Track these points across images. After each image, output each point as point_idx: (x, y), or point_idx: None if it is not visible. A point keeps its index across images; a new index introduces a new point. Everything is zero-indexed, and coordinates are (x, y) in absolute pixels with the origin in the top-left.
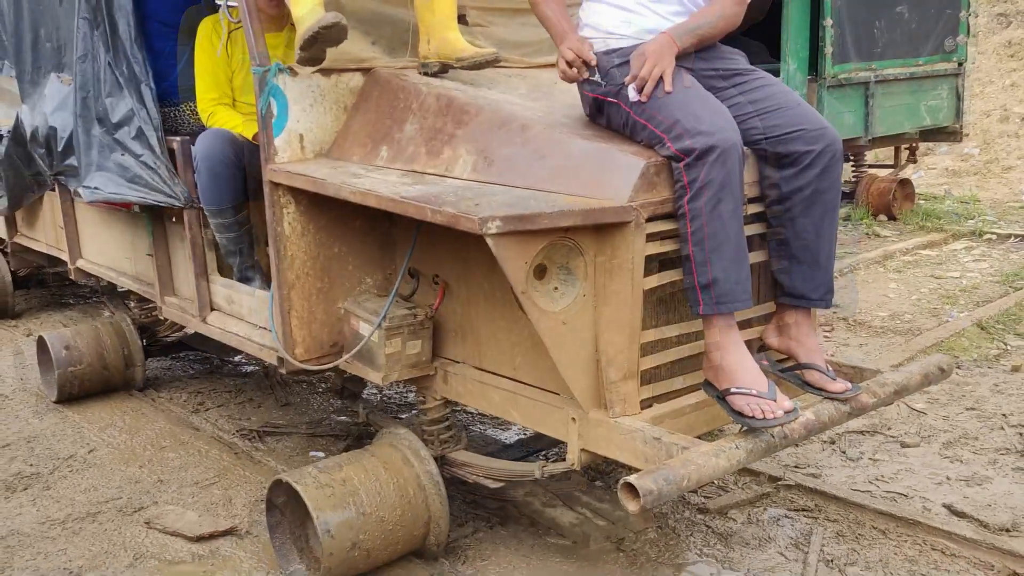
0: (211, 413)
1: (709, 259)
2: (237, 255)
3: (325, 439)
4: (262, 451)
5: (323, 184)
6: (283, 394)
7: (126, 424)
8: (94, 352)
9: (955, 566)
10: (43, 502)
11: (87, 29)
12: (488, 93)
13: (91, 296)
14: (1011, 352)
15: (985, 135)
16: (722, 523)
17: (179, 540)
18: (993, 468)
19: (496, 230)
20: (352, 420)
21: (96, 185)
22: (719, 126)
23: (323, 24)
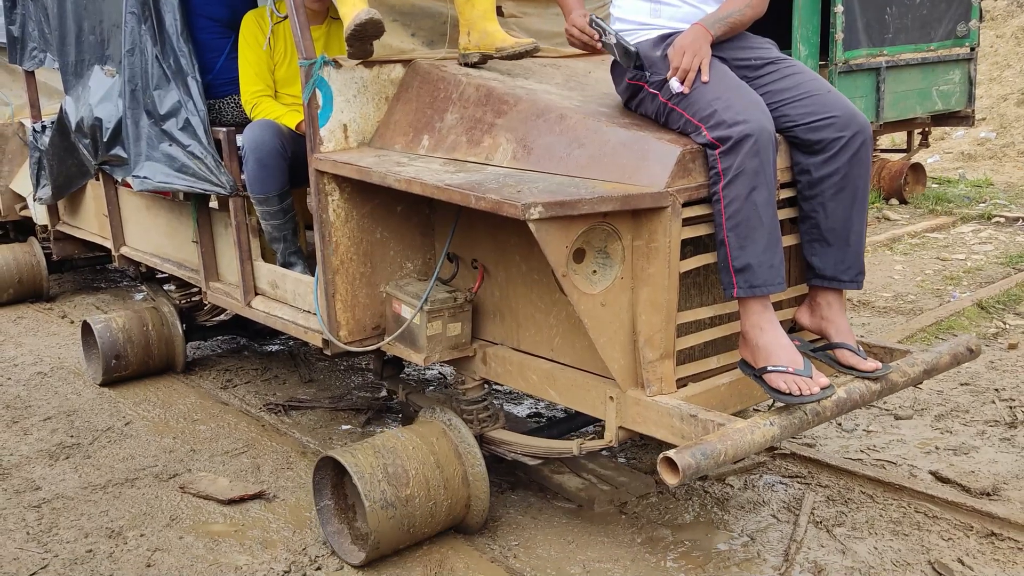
0: (239, 389)
1: (744, 244)
2: (281, 241)
3: (347, 412)
4: (287, 424)
5: (368, 172)
6: (307, 371)
7: (159, 399)
8: (137, 337)
9: (936, 527)
10: (84, 469)
11: (135, 24)
12: (525, 83)
13: (121, 279)
14: (1009, 331)
15: (1002, 119)
16: (720, 488)
17: (211, 503)
18: (981, 439)
19: (538, 215)
20: (372, 395)
21: (145, 175)
22: (754, 115)
23: (357, 21)
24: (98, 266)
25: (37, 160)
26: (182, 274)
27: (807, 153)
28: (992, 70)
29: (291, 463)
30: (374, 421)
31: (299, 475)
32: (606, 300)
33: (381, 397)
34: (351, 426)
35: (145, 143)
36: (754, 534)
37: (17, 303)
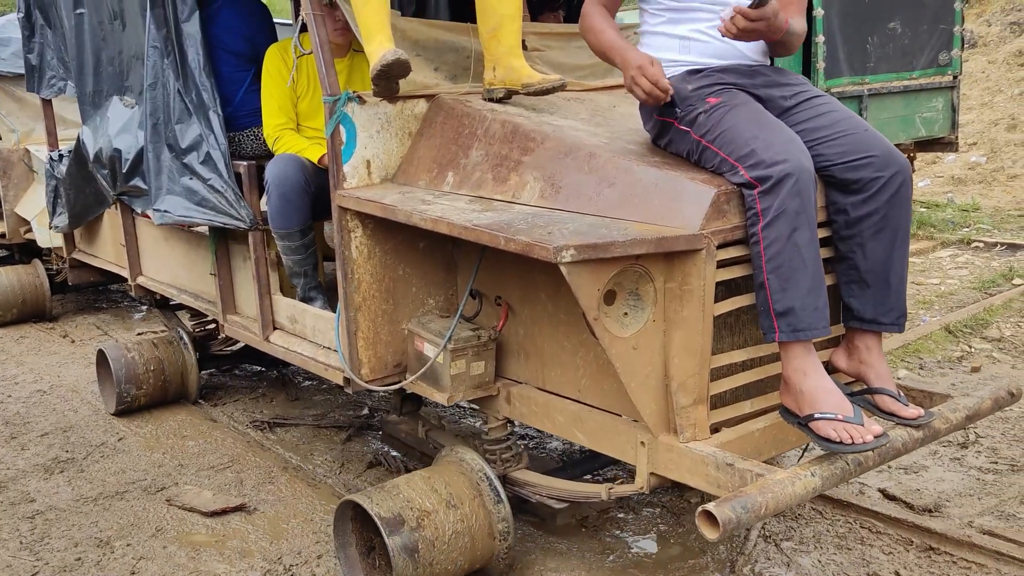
0: (228, 407)
1: (786, 287)
2: (302, 276)
3: (329, 430)
4: (272, 440)
5: (393, 210)
6: (294, 390)
7: (151, 416)
8: (152, 367)
9: (879, 541)
10: (77, 482)
11: (157, 58)
12: (552, 119)
13: (122, 300)
14: (974, 354)
15: (993, 143)
16: (677, 502)
17: (195, 515)
18: (933, 458)
19: (570, 258)
20: (354, 413)
21: (166, 208)
22: (794, 154)
23: (384, 62)
24: (99, 287)
25: (54, 188)
26: (199, 306)
27: (844, 192)
28: (984, 95)
29: (272, 477)
30: (355, 438)
31: (279, 488)
32: (638, 343)
33: (362, 415)
34: (334, 444)
35: (166, 176)
36: (706, 546)
37: (20, 323)
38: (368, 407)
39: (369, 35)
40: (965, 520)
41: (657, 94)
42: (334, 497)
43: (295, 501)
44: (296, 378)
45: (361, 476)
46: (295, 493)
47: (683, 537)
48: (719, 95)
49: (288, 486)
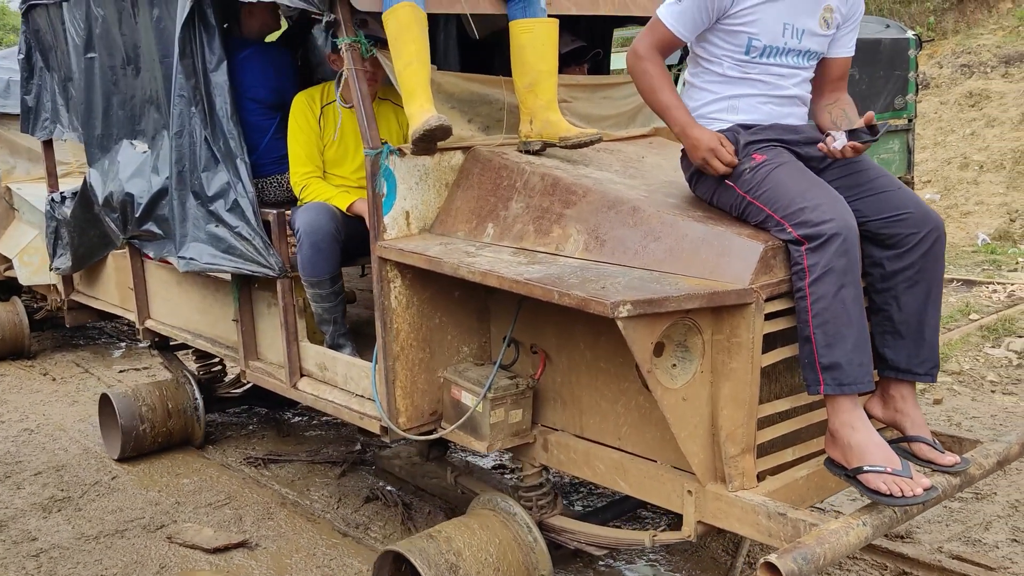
0: (219, 444)
1: (832, 342)
2: (331, 323)
3: (323, 466)
4: (267, 476)
5: (439, 263)
6: (284, 427)
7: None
8: (158, 411)
9: (856, 567)
10: (77, 521)
11: (184, 106)
12: (588, 172)
13: (99, 337)
14: (935, 387)
15: (946, 181)
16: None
17: (198, 552)
18: None
19: (627, 314)
20: (347, 448)
21: (192, 256)
22: (840, 213)
23: (428, 127)
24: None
25: (54, 230)
26: (216, 351)
27: (880, 247)
28: (936, 135)
29: (271, 513)
30: (349, 473)
31: (279, 524)
32: (687, 394)
33: (355, 450)
34: (328, 479)
35: (191, 224)
36: (692, 571)
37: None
38: (361, 442)
39: (410, 96)
40: (935, 545)
41: (727, 171)
42: (335, 532)
43: (296, 536)
44: (286, 415)
45: (359, 511)
46: (295, 528)
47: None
48: (764, 152)
49: (288, 522)
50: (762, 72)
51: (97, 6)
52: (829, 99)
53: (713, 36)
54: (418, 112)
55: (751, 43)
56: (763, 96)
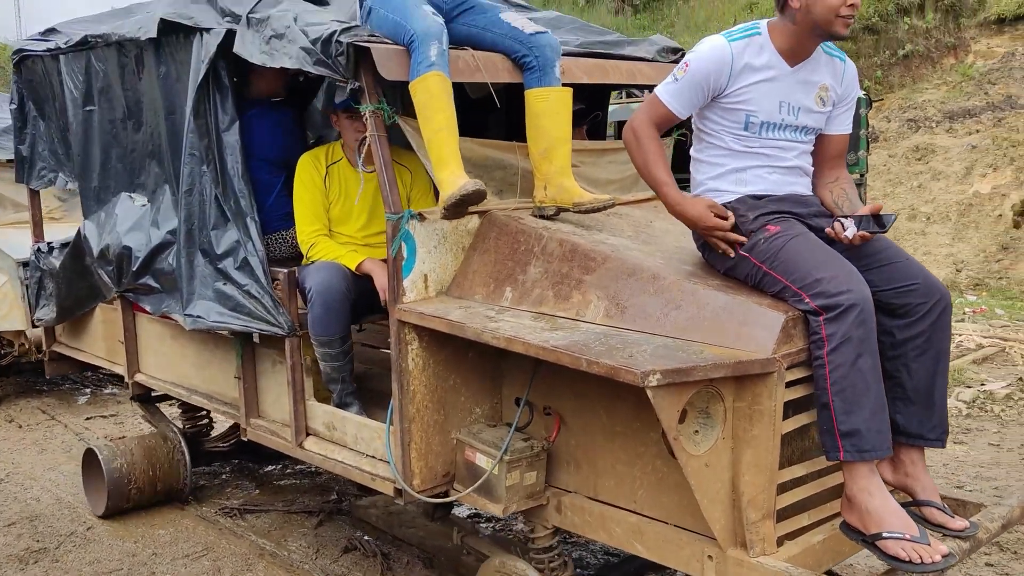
0: (194, 493)
1: (850, 410)
2: (339, 382)
3: (300, 516)
4: (243, 527)
5: (462, 327)
6: (259, 476)
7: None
8: (144, 466)
9: None
10: (55, 573)
11: (195, 165)
12: (604, 238)
13: (63, 383)
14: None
15: (895, 232)
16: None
17: None
18: None
19: (656, 383)
20: (323, 498)
21: (199, 313)
22: (856, 285)
23: (464, 192)
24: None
25: (38, 280)
26: (214, 407)
27: (891, 316)
28: (886, 187)
29: (250, 564)
30: (326, 523)
31: None
32: (709, 461)
33: (331, 500)
34: (304, 529)
35: (199, 282)
36: None
37: None
38: (336, 492)
39: (442, 162)
40: None
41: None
42: None
43: None
44: (261, 465)
45: (338, 561)
46: None
47: None
48: (778, 223)
49: (267, 572)
50: (762, 145)
51: (98, 60)
52: (829, 177)
53: (712, 113)
54: (450, 178)
55: (749, 119)
56: (768, 167)
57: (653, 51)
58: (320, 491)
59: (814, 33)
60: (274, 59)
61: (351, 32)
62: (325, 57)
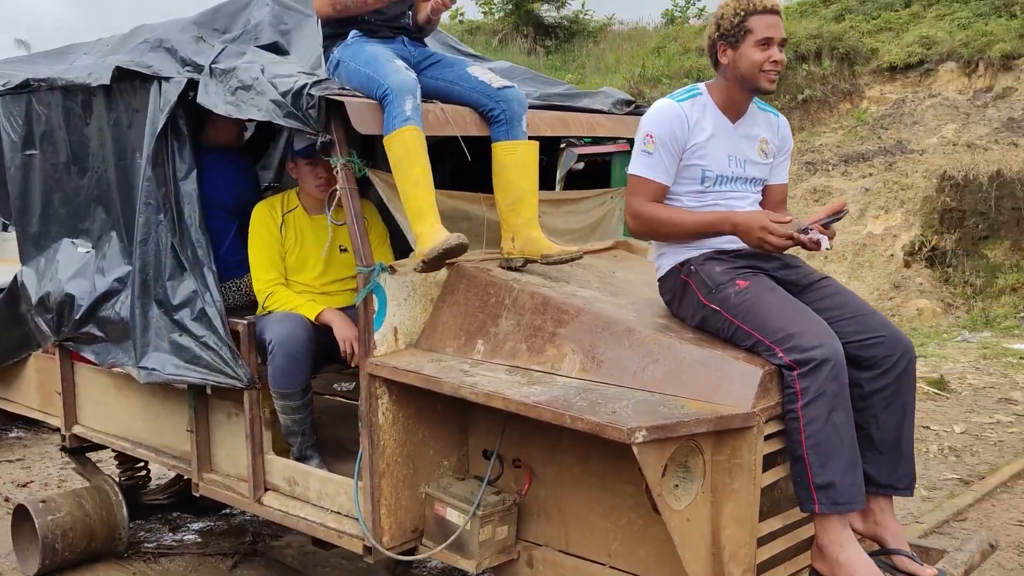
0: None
1: (825, 463)
2: (300, 435)
3: (215, 558)
4: (156, 570)
5: (438, 382)
6: (174, 519)
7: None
8: (80, 523)
9: None
10: None
11: (151, 214)
12: (574, 290)
13: None
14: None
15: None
16: None
17: None
18: None
19: (642, 439)
20: (238, 540)
21: (153, 366)
22: (827, 339)
23: (448, 246)
24: None
25: None
26: (162, 461)
27: (858, 368)
28: None
29: None
30: (242, 565)
31: None
32: (691, 515)
33: (246, 541)
34: (219, 571)
35: (154, 333)
36: None
37: None
38: (252, 533)
39: (419, 215)
40: None
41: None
42: None
43: None
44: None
45: None
46: None
47: None
48: (747, 278)
49: None
50: (718, 198)
51: (40, 104)
52: None
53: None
54: (429, 231)
55: (704, 174)
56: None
57: (608, 103)
58: (235, 533)
59: (743, 87)
60: (241, 110)
61: (322, 85)
62: (295, 110)
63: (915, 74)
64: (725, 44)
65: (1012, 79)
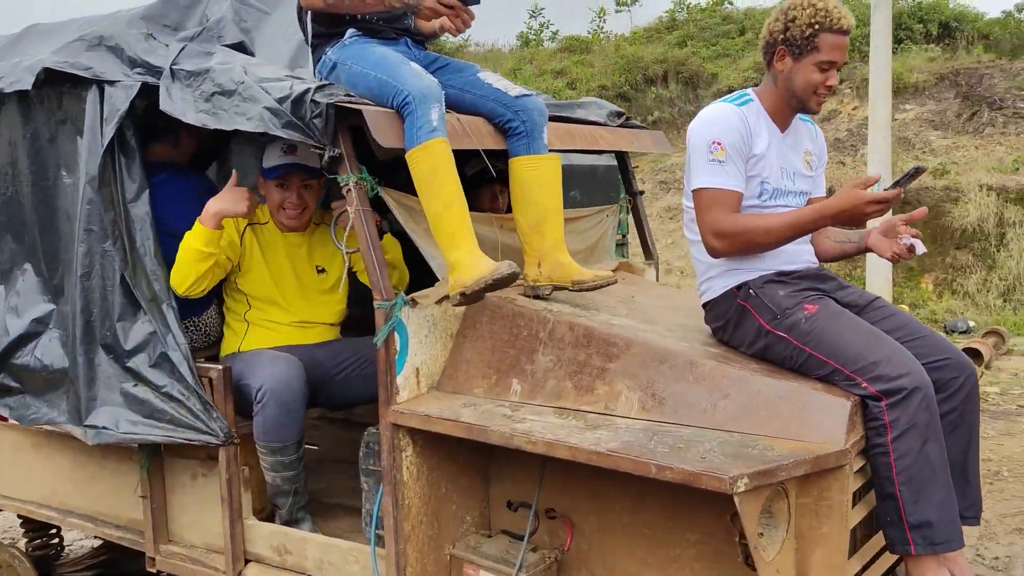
0: None
1: (918, 499)
2: (290, 495)
3: None
4: None
5: (484, 431)
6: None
7: None
8: None
9: None
10: None
11: (94, 243)
12: (609, 319)
13: None
14: None
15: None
16: None
17: None
18: None
19: (744, 488)
20: None
21: (104, 424)
22: (913, 367)
23: (499, 275)
24: None
25: None
26: (104, 533)
27: None
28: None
29: None
30: None
31: None
32: (780, 566)
33: None
34: None
35: (102, 384)
36: None
37: None
38: None
39: (454, 241)
40: None
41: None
42: None
43: None
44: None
45: None
46: None
47: None
48: (814, 303)
49: None
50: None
51: None
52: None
53: None
54: (468, 258)
55: (763, 187)
56: None
57: (603, 115)
58: None
59: (790, 103)
60: (219, 119)
61: (326, 91)
62: (296, 119)
63: None
64: (786, 51)
65: (836, 102)
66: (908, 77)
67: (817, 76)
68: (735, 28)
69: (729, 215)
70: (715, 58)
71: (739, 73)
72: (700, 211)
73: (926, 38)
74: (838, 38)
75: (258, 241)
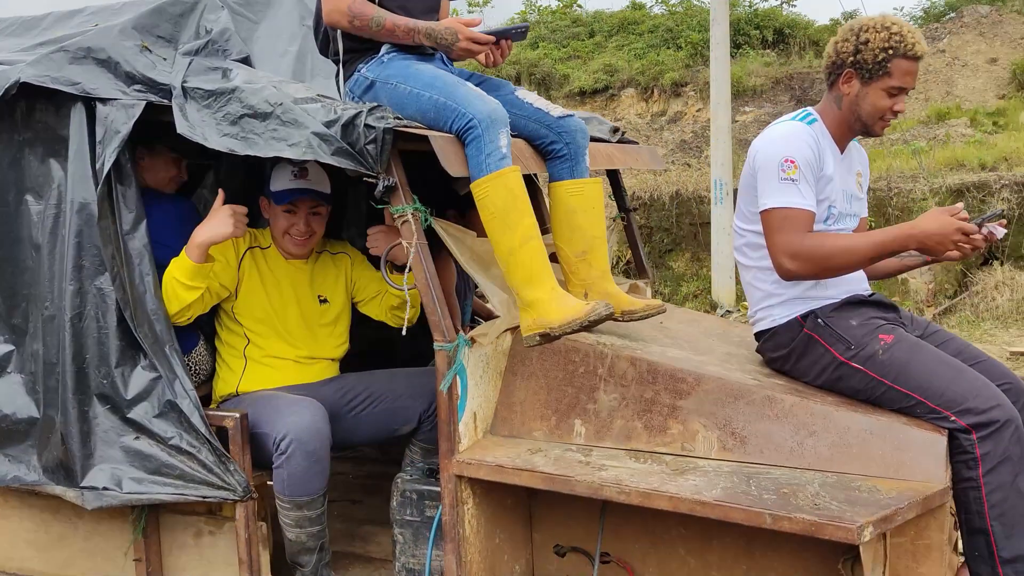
0: None
1: (1011, 534)
2: (316, 551)
3: None
4: None
5: (568, 482)
6: None
7: None
8: None
9: None
10: None
11: (86, 282)
12: (663, 351)
13: None
14: None
15: None
16: None
17: None
18: None
19: (869, 536)
20: None
21: (104, 484)
22: (1001, 399)
23: (596, 317)
24: None
25: None
26: None
27: None
28: None
29: None
30: None
31: None
32: None
33: None
34: None
35: (99, 439)
36: None
37: None
38: None
39: (532, 280)
40: None
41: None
42: None
43: None
44: None
45: None
46: None
47: None
48: (888, 332)
49: None
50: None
51: None
52: None
53: None
54: (551, 297)
55: (831, 210)
56: None
57: (605, 131)
58: None
59: (853, 126)
60: (251, 145)
61: (376, 114)
62: (349, 146)
63: (602, 98)
64: (854, 73)
65: (681, 104)
66: (747, 81)
67: (886, 102)
68: (584, 31)
69: (805, 235)
70: (566, 59)
71: (589, 75)
72: (771, 232)
73: (763, 43)
74: (911, 64)
75: (257, 266)
